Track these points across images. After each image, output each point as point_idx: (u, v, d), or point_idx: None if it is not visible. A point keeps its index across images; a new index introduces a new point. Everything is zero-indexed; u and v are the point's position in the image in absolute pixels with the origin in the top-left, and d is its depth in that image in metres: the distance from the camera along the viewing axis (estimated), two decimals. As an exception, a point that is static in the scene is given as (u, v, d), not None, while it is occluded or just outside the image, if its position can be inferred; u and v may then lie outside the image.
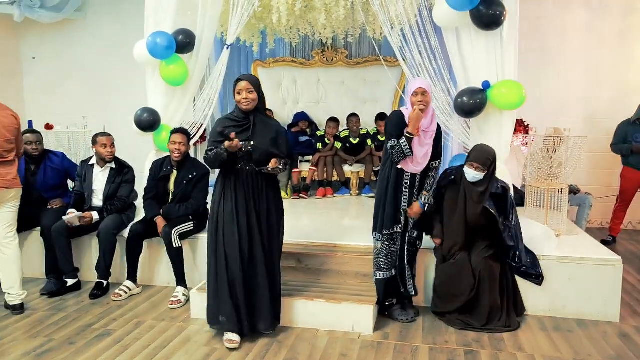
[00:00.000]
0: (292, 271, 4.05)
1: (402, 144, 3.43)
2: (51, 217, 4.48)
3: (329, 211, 5.68)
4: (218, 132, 3.31)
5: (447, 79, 4.14)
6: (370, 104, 7.05)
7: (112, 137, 4.55)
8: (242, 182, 3.31)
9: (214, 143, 3.29)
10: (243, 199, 3.30)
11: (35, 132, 4.79)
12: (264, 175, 3.33)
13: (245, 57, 7.36)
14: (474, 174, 3.56)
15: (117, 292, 4.22)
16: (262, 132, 3.32)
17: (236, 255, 3.28)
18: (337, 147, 6.57)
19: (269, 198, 3.37)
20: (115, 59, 7.24)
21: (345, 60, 7.14)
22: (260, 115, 3.38)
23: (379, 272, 3.68)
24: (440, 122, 4.23)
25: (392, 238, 3.63)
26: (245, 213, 3.30)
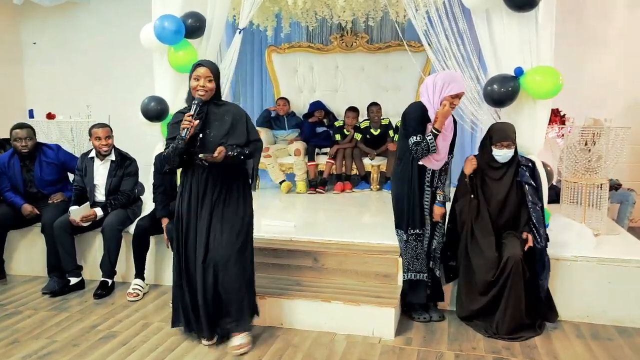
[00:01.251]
0: (308, 271, 4.07)
1: (429, 141, 3.45)
2: (52, 213, 4.55)
3: (348, 207, 5.69)
4: (172, 127, 3.29)
5: (476, 66, 4.11)
6: (392, 92, 7.03)
7: (109, 129, 4.55)
8: (197, 178, 3.29)
9: (169, 141, 3.27)
10: (197, 195, 3.29)
11: (24, 126, 4.76)
12: (222, 168, 3.26)
13: (259, 42, 7.38)
14: (506, 153, 3.60)
15: (131, 292, 4.27)
16: (216, 122, 3.26)
17: (192, 255, 3.31)
18: (357, 138, 6.57)
19: (229, 192, 3.30)
20: (121, 45, 7.30)
21: (366, 46, 7.12)
22: (215, 104, 3.31)
23: (407, 274, 3.71)
24: (468, 112, 4.24)
25: (419, 239, 3.66)
26: (199, 210, 3.29)
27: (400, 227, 3.72)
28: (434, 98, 3.52)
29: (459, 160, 4.08)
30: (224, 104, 3.38)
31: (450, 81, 3.52)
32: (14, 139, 4.69)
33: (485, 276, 3.55)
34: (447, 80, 3.52)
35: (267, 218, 4.78)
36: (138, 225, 4.34)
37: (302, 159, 6.48)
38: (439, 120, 3.47)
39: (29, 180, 4.76)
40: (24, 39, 7.88)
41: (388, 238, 4.07)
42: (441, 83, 3.51)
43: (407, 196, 3.63)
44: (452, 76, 3.59)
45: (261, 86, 7.53)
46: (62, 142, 5.52)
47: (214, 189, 3.28)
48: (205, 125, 3.25)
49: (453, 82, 3.53)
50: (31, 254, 4.83)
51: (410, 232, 3.65)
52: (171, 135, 3.27)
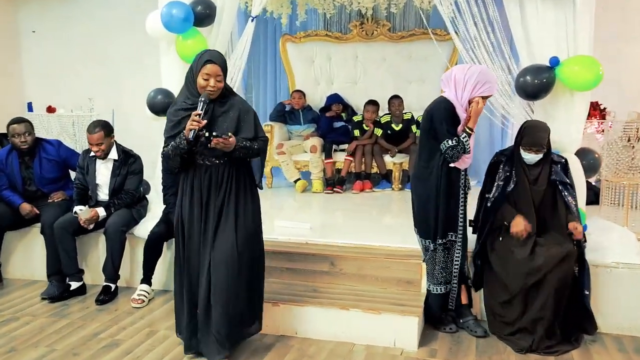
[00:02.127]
0: (325, 276, 4.06)
1: (465, 142, 3.43)
2: (52, 212, 4.58)
3: (367, 208, 5.68)
4: (172, 125, 3.21)
5: (508, 55, 4.08)
6: (416, 85, 7.00)
7: (102, 132, 4.41)
8: (200, 179, 3.23)
9: (169, 139, 3.20)
10: (201, 198, 3.23)
11: (22, 121, 4.76)
12: (227, 168, 3.22)
13: (273, 30, 7.39)
14: (534, 157, 3.59)
15: (136, 297, 4.27)
16: (220, 119, 3.20)
17: (196, 264, 3.26)
18: (377, 134, 6.55)
19: (235, 194, 3.25)
20: (126, 33, 7.32)
21: (388, 34, 7.10)
22: (219, 102, 3.23)
23: (435, 286, 3.68)
24: (498, 105, 4.20)
25: (448, 247, 3.63)
26: (205, 214, 3.24)
27: (427, 236, 3.65)
28: (463, 95, 3.46)
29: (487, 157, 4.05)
30: (228, 99, 3.29)
31: (485, 81, 3.44)
32: (11, 135, 4.71)
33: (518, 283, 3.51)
34: (481, 79, 3.43)
35: (280, 219, 4.79)
36: (153, 232, 4.30)
37: (319, 156, 6.47)
38: (473, 119, 3.45)
39: (28, 178, 4.80)
40: (23, 27, 7.91)
41: (411, 241, 4.03)
42: (474, 81, 3.43)
43: (433, 200, 3.56)
44: (487, 75, 3.50)
45: (275, 78, 7.53)
46: (63, 137, 5.59)
47: (218, 190, 3.23)
48: (209, 124, 3.16)
49: (488, 82, 3.46)
50: (30, 256, 4.86)
51: (439, 240, 3.60)
52: (170, 134, 3.20)
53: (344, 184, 6.51)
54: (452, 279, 3.67)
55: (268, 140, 3.37)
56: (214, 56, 3.21)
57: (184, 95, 3.24)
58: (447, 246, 3.61)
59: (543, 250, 3.52)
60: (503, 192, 3.68)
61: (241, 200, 3.27)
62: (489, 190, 3.74)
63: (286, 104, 6.96)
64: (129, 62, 7.40)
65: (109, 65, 7.59)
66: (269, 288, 3.90)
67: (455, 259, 3.65)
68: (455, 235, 3.60)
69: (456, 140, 3.42)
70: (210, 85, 3.13)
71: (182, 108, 3.21)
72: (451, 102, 3.48)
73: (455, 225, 3.59)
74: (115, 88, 7.39)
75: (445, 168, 3.52)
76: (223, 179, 3.23)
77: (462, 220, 3.62)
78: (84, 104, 5.84)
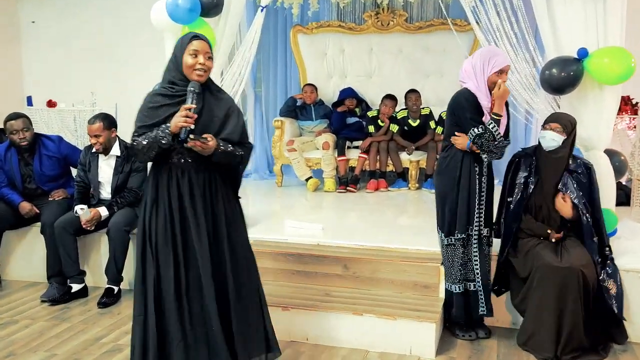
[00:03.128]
0: (337, 279, 4.06)
1: (493, 129, 3.43)
2: (53, 211, 4.61)
3: (382, 208, 5.67)
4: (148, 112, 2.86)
5: (532, 47, 4.06)
6: (434, 78, 6.98)
7: (101, 124, 4.44)
8: (176, 183, 2.87)
9: (143, 128, 2.83)
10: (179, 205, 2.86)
11: (19, 116, 4.75)
12: (209, 170, 2.89)
13: (283, 21, 7.39)
14: (552, 136, 3.55)
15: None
16: (211, 113, 2.89)
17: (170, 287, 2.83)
18: (393, 130, 6.54)
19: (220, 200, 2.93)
20: (130, 24, 7.34)
21: (404, 25, 7.08)
22: (211, 88, 2.96)
23: (454, 285, 3.68)
24: (521, 100, 4.18)
25: (467, 242, 3.64)
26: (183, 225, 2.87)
27: (445, 229, 3.67)
28: (479, 81, 3.50)
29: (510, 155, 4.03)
30: (220, 91, 3.03)
31: (489, 56, 3.50)
32: (9, 132, 4.71)
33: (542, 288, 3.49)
34: (485, 56, 3.50)
35: (291, 219, 4.79)
36: None
37: (331, 154, 6.47)
38: (497, 103, 3.45)
39: (28, 175, 4.82)
40: (22, 16, 7.93)
41: (428, 243, 4.03)
42: (481, 62, 3.49)
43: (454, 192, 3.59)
44: (490, 50, 3.58)
45: (285, 71, 7.53)
46: (64, 132, 5.61)
47: (202, 196, 2.89)
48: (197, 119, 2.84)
49: (494, 56, 3.51)
50: (29, 257, 4.90)
51: (458, 235, 3.61)
52: (145, 122, 2.83)
53: (358, 183, 6.50)
54: (475, 277, 3.65)
55: (253, 148, 3.06)
56: (200, 34, 2.93)
57: (165, 81, 2.92)
58: (466, 241, 3.62)
59: (567, 254, 3.51)
60: (524, 194, 3.67)
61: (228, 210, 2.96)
62: (510, 192, 3.73)
63: (297, 99, 6.97)
64: (133, 54, 7.41)
65: (112, 57, 7.61)
66: (279, 292, 3.91)
67: (474, 255, 3.64)
68: (472, 229, 3.61)
69: (482, 128, 3.43)
70: (200, 63, 2.81)
71: (163, 94, 2.88)
72: (472, 91, 3.51)
73: (472, 219, 3.60)
74: (119, 81, 7.40)
75: (466, 159, 3.55)
76: (204, 183, 2.90)
77: (479, 215, 3.61)
78: (86, 98, 5.87)
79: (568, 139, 3.56)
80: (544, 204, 3.64)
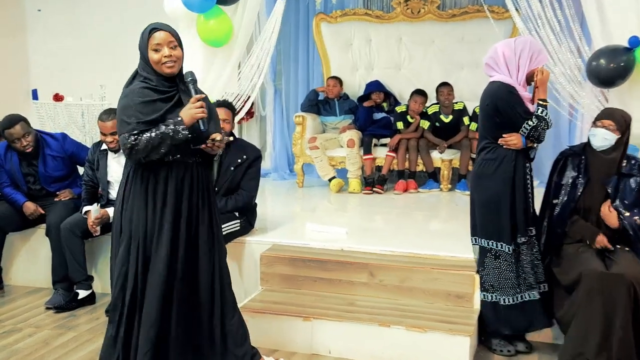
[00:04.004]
0: (363, 288, 4.05)
1: (545, 116, 3.46)
2: (59, 212, 4.65)
3: (412, 211, 5.66)
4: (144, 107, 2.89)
5: (578, 35, 4.03)
6: (468, 70, 6.93)
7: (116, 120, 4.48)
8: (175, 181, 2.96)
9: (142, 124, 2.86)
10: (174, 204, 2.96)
11: (16, 121, 4.67)
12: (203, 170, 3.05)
13: (305, 9, 7.40)
14: (604, 134, 3.52)
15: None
16: None
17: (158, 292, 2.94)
18: (424, 127, 6.50)
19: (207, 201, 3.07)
20: (142, 13, 7.35)
21: (437, 12, 7.04)
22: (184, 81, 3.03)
23: (506, 297, 3.64)
24: (565, 93, 4.14)
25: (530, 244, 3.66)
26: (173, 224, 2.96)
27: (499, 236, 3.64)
28: (519, 72, 3.49)
29: (552, 154, 3.99)
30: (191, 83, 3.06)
31: (539, 49, 3.53)
32: (10, 141, 4.69)
33: (590, 299, 3.44)
34: (535, 49, 3.51)
35: (313, 223, 4.78)
36: None
37: (357, 152, 6.45)
38: (542, 89, 3.48)
39: (31, 176, 4.85)
40: (28, 4, 7.98)
41: (462, 250, 4.01)
42: (528, 53, 3.48)
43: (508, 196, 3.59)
44: (538, 43, 3.62)
45: (307, 63, 7.54)
46: (72, 128, 5.64)
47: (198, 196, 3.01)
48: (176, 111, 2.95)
49: (541, 50, 3.55)
50: (34, 261, 4.95)
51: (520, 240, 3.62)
52: (141, 119, 2.87)
53: (385, 184, 6.48)
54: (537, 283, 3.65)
55: None
56: (158, 23, 2.99)
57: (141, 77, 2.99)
58: (525, 246, 3.64)
59: (617, 262, 3.45)
60: (571, 196, 3.62)
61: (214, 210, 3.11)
62: (556, 194, 3.68)
63: (320, 92, 6.96)
64: (145, 45, 7.44)
65: (122, 48, 7.59)
66: (300, 301, 3.91)
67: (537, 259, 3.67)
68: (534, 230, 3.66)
69: (535, 119, 3.45)
70: (165, 55, 2.88)
71: (151, 88, 2.94)
72: (510, 84, 3.48)
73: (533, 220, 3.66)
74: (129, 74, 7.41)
75: (519, 158, 3.55)
76: (200, 182, 3.03)
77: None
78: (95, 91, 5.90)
79: (622, 138, 3.52)
80: (593, 208, 3.59)
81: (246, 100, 4.86)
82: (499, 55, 3.51)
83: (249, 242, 4.42)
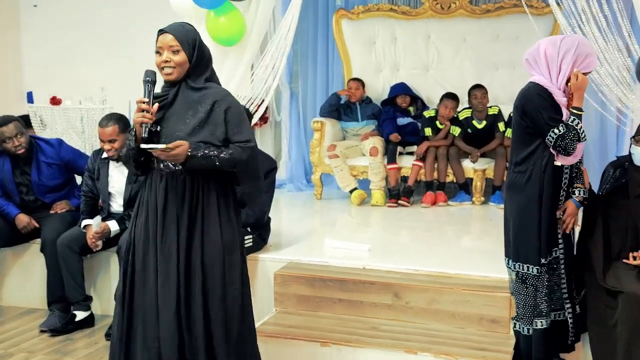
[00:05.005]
0: (387, 310, 4.05)
1: (576, 126, 3.35)
2: (55, 226, 4.67)
3: (441, 226, 5.66)
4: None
5: (627, 32, 4.01)
6: (504, 71, 6.93)
7: (116, 126, 4.46)
8: (155, 191, 2.98)
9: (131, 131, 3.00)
10: (155, 214, 2.97)
11: (9, 120, 4.74)
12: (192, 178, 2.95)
13: (324, 5, 7.43)
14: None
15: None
16: (182, 110, 2.97)
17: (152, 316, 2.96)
18: (454, 133, 6.49)
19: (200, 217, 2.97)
20: (145, 10, 7.43)
21: (469, 7, 7.04)
22: (196, 83, 3.02)
23: (539, 320, 3.60)
24: (613, 97, 4.11)
25: (552, 267, 3.57)
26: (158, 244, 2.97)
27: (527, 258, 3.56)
28: (559, 75, 3.41)
29: (599, 165, 3.96)
30: (205, 87, 3.03)
31: (586, 53, 3.40)
32: (2, 141, 4.72)
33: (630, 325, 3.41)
34: (582, 51, 3.39)
35: (332, 238, 4.79)
36: None
37: (380, 161, 6.45)
38: (577, 95, 3.37)
39: (24, 185, 4.88)
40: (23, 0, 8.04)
41: (496, 269, 3.98)
42: (573, 55, 3.37)
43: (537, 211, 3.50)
44: (587, 46, 3.48)
45: (327, 63, 7.56)
46: (70, 134, 5.68)
47: (179, 207, 2.95)
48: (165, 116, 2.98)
49: (590, 55, 3.42)
50: (27, 279, 4.97)
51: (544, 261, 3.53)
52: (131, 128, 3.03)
53: (412, 196, 6.47)
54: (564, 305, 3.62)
55: (252, 148, 3.01)
56: (169, 27, 3.09)
57: None
58: (551, 266, 3.56)
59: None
60: None
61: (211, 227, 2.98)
62: None
63: (341, 95, 6.96)
64: (149, 45, 7.44)
65: (124, 48, 7.69)
66: (317, 324, 3.91)
67: (562, 281, 3.60)
68: (558, 250, 3.56)
69: (564, 127, 3.35)
70: (163, 60, 2.97)
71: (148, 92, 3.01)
72: (544, 86, 3.42)
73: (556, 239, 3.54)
74: (132, 76, 7.38)
75: (548, 170, 3.45)
76: (185, 193, 2.96)
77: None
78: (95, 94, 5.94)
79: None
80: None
81: (260, 104, 4.88)
82: (541, 52, 3.44)
83: (262, 259, 4.43)
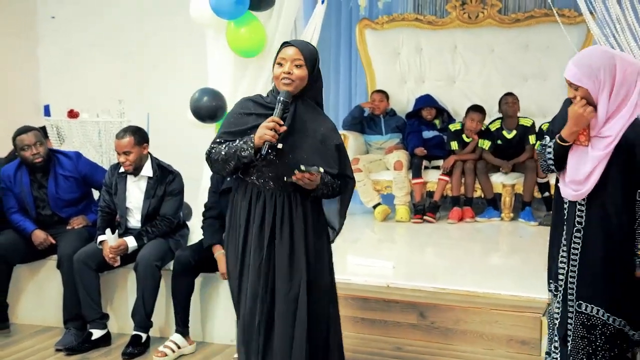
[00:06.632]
0: (412, 330, 4.05)
1: (546, 151, 3.20)
2: (72, 242, 4.69)
3: (468, 243, 5.64)
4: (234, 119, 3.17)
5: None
6: (534, 82, 6.92)
7: (132, 138, 4.50)
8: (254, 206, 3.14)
9: (226, 135, 3.14)
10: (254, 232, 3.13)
11: (30, 129, 4.82)
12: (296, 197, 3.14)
13: (348, 15, 7.47)
14: None
15: (161, 350, 4.33)
16: (302, 131, 3.11)
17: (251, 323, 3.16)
18: (484, 147, 6.47)
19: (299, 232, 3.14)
20: (164, 22, 7.49)
21: (497, 17, 7.05)
22: (309, 103, 3.18)
23: None
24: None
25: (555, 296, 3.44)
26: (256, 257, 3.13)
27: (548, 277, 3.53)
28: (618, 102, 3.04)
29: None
30: (319, 113, 3.23)
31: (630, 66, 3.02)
32: (20, 149, 4.78)
33: None
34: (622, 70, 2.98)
35: (355, 255, 4.79)
36: (178, 259, 4.38)
37: (405, 175, 6.46)
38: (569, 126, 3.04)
39: (41, 200, 4.91)
40: (41, 11, 8.07)
41: (527, 288, 3.98)
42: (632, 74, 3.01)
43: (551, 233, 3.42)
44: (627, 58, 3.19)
45: (350, 75, 7.59)
46: (87, 148, 5.72)
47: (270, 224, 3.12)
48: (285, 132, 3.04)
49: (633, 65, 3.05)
50: (43, 296, 5.00)
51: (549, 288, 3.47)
52: (227, 129, 3.16)
53: (438, 212, 6.47)
54: None
55: (355, 183, 3.38)
56: (294, 41, 3.27)
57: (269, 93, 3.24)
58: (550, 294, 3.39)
59: None
60: None
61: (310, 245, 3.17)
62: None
63: (364, 108, 6.97)
64: (168, 56, 7.52)
65: (143, 60, 7.72)
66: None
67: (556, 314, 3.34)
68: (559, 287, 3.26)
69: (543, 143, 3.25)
70: (284, 72, 3.05)
71: (255, 100, 3.21)
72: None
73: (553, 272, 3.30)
74: (151, 88, 7.46)
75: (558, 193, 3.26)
76: (284, 212, 3.13)
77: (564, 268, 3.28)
78: (113, 107, 5.99)
79: None
80: None
81: (280, 116, 4.89)
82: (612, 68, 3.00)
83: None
